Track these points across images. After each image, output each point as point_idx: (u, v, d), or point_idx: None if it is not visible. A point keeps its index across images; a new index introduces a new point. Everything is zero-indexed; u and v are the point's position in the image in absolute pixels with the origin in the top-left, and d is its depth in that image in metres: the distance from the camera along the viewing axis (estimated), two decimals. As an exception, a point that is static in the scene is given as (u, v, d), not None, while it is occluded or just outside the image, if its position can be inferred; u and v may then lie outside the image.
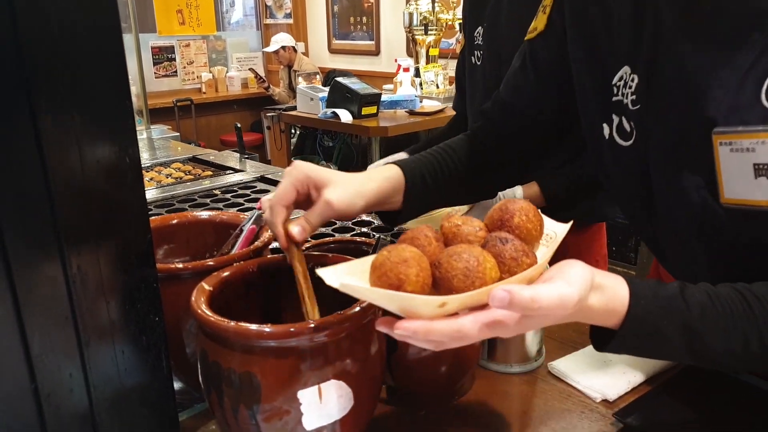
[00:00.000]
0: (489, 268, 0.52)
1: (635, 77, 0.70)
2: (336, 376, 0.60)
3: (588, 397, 0.79)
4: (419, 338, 0.51)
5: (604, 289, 0.57)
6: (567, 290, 0.51)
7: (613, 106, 0.74)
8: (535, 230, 0.60)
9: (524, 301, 0.48)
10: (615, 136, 0.75)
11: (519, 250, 0.55)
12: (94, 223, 0.60)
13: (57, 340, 0.59)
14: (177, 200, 1.73)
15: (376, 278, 0.52)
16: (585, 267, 0.56)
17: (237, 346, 0.59)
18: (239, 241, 0.81)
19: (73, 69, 0.54)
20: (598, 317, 0.58)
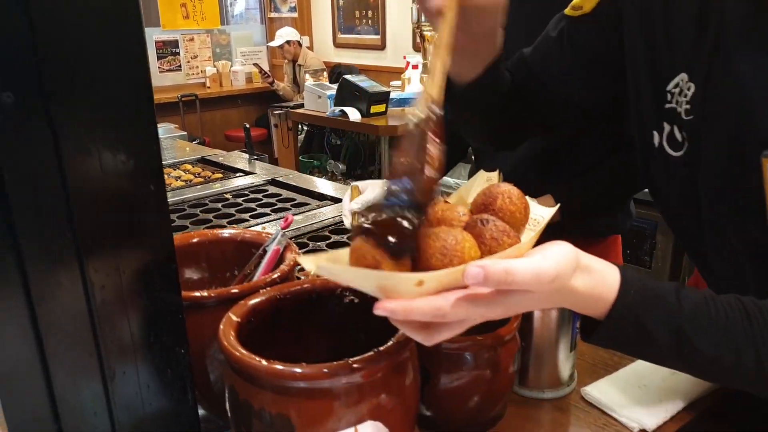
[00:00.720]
0: (468, 247, 0.50)
1: (692, 86, 0.67)
2: (372, 416, 0.57)
3: (625, 427, 0.76)
4: (399, 316, 0.48)
5: (592, 272, 0.54)
6: (543, 263, 0.49)
7: (666, 113, 0.71)
8: (519, 213, 0.58)
9: (498, 274, 0.47)
10: (665, 145, 0.72)
11: (500, 230, 0.53)
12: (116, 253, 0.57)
13: (81, 376, 0.56)
14: (188, 204, 1.70)
15: (354, 260, 0.50)
16: (569, 246, 0.53)
17: (269, 386, 0.56)
18: (263, 263, 0.78)
19: (92, 74, 0.51)
20: (584, 302, 0.55)
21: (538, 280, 0.48)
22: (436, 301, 0.48)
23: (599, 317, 0.56)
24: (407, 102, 3.47)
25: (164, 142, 2.59)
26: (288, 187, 1.87)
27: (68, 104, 0.51)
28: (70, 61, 0.50)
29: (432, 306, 0.48)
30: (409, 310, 0.47)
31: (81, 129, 0.52)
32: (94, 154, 0.53)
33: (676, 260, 2.21)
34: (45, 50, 0.49)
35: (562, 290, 0.52)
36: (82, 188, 0.53)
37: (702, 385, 0.81)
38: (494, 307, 0.50)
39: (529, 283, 0.48)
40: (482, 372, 0.71)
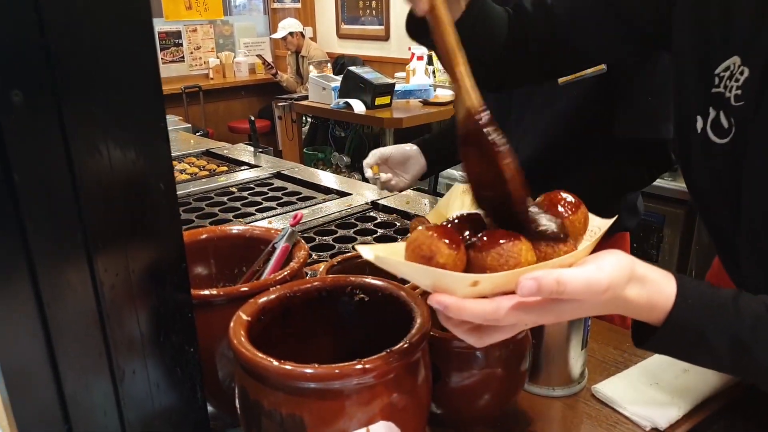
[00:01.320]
0: (524, 250, 0.51)
1: (745, 70, 0.63)
2: (385, 416, 0.57)
3: (636, 425, 0.75)
4: (451, 313, 0.49)
5: (646, 282, 0.54)
6: (595, 275, 0.50)
7: (712, 97, 0.67)
8: (579, 222, 0.58)
9: (550, 285, 0.47)
10: (708, 131, 0.69)
11: (557, 236, 0.53)
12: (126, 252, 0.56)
13: (91, 376, 0.56)
14: (193, 198, 1.70)
15: (410, 252, 0.52)
16: (624, 256, 0.53)
17: (280, 386, 0.55)
18: (272, 260, 0.78)
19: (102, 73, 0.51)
20: (638, 311, 0.55)
21: (589, 291, 0.49)
22: (489, 305, 0.49)
23: (655, 324, 0.56)
24: (412, 93, 3.45)
25: (169, 135, 2.58)
26: (294, 180, 1.86)
27: (78, 103, 0.50)
28: (80, 59, 0.49)
29: (485, 309, 0.49)
30: (462, 309, 0.48)
31: (91, 128, 0.51)
32: (104, 153, 0.52)
33: (683, 254, 2.19)
34: (54, 49, 0.48)
35: (615, 300, 0.53)
36: (92, 188, 0.52)
37: (715, 383, 0.80)
38: (546, 315, 0.52)
39: (580, 293, 0.49)
40: (493, 370, 0.71)
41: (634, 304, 0.54)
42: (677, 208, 2.11)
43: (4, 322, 0.50)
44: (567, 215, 0.58)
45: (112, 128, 0.52)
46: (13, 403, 0.52)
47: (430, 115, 3.33)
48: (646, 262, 0.56)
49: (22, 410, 0.53)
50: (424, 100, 3.42)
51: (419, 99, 3.44)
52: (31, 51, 0.47)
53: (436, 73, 3.86)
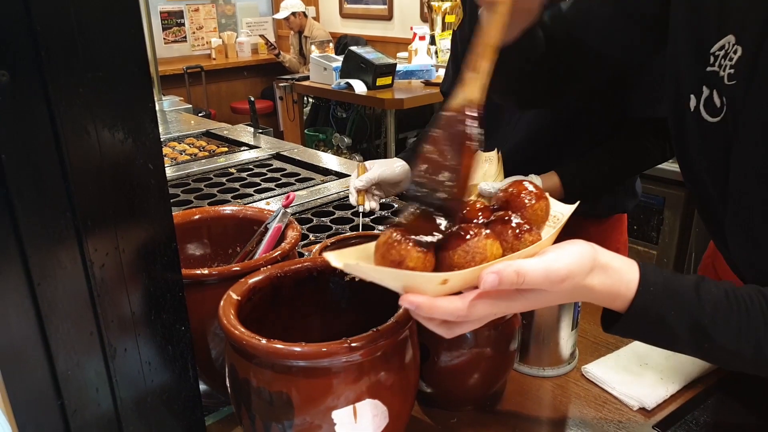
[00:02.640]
0: (490, 245, 0.52)
1: (739, 49, 0.64)
2: (371, 395, 0.58)
3: (624, 405, 0.76)
4: (423, 313, 0.51)
5: (609, 271, 0.56)
6: (554, 265, 0.51)
7: (706, 76, 0.68)
8: (541, 210, 0.59)
9: (510, 276, 0.49)
10: (702, 109, 0.69)
11: (522, 229, 0.54)
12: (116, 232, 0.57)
13: (82, 354, 0.57)
14: (192, 179, 1.70)
15: (379, 257, 0.53)
16: (586, 246, 0.55)
17: (268, 364, 0.56)
18: (265, 240, 0.78)
19: (89, 53, 0.51)
20: (602, 299, 0.57)
21: (548, 280, 0.51)
22: (458, 302, 0.51)
23: (620, 311, 0.58)
24: (413, 74, 3.43)
25: (169, 116, 2.58)
26: (293, 161, 1.86)
27: (64, 84, 0.50)
28: (66, 40, 0.50)
29: (455, 307, 0.51)
30: (433, 308, 0.50)
31: (78, 108, 0.51)
32: (91, 133, 0.53)
33: (683, 236, 2.19)
34: (40, 29, 0.48)
35: (578, 288, 0.54)
36: (80, 168, 0.52)
37: (702, 365, 0.81)
38: (512, 305, 0.54)
39: (540, 282, 0.51)
40: (482, 350, 0.72)
41: (597, 292, 0.56)
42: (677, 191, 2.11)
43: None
44: (528, 204, 0.59)
45: (100, 109, 0.53)
46: (6, 379, 0.53)
47: (432, 96, 3.31)
48: (609, 251, 0.58)
49: (15, 387, 0.54)
50: (425, 80, 3.40)
51: (421, 79, 3.42)
52: (17, 32, 0.47)
53: (438, 54, 3.83)
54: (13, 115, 0.48)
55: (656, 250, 2.24)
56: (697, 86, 0.70)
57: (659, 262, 2.26)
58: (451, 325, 0.53)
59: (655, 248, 2.24)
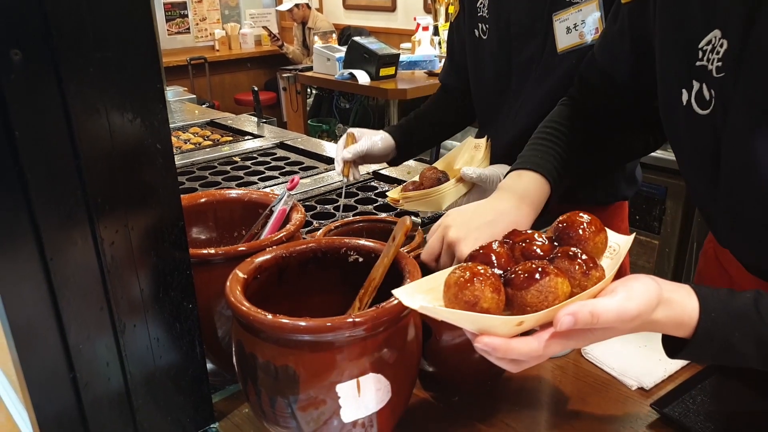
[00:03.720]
0: (560, 283, 0.54)
1: (724, 42, 0.66)
2: (374, 369, 0.59)
3: (623, 385, 0.78)
4: (499, 355, 0.54)
5: (672, 304, 0.58)
6: (626, 305, 0.54)
7: (696, 71, 0.70)
8: (601, 243, 0.62)
9: (585, 318, 0.52)
10: (693, 103, 0.71)
11: (589, 265, 0.57)
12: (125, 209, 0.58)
13: (93, 329, 0.58)
14: (197, 167, 1.72)
15: (452, 296, 0.55)
16: (651, 283, 0.57)
17: (274, 339, 0.58)
18: (270, 223, 0.80)
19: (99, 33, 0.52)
20: (668, 329, 0.60)
21: (620, 320, 0.54)
22: (533, 343, 0.54)
23: (685, 337, 0.60)
24: (417, 65, 3.43)
25: (173, 105, 2.59)
26: (296, 150, 1.87)
27: (75, 63, 0.51)
28: (76, 20, 0.51)
29: (530, 348, 0.54)
30: (509, 350, 0.53)
31: (89, 87, 0.53)
32: (102, 112, 0.54)
33: (685, 226, 2.20)
34: (52, 8, 0.49)
35: (645, 324, 0.58)
36: (91, 146, 0.54)
37: (701, 345, 0.82)
38: (581, 341, 0.57)
39: (612, 322, 0.54)
40: (484, 330, 0.73)
41: (662, 324, 0.59)
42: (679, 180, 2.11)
43: (10, 275, 0.52)
44: (589, 237, 0.61)
45: (109, 88, 0.54)
46: (20, 352, 0.55)
47: (435, 86, 3.30)
48: (669, 281, 0.60)
49: (28, 359, 0.55)
50: (429, 71, 3.40)
51: (424, 70, 3.42)
52: (29, 12, 0.48)
53: (441, 44, 3.83)
54: (25, 93, 0.49)
55: (658, 239, 2.24)
56: (688, 81, 0.72)
57: (661, 253, 2.27)
58: (521, 362, 0.56)
59: (657, 238, 2.24)
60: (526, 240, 0.61)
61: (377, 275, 0.66)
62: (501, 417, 0.73)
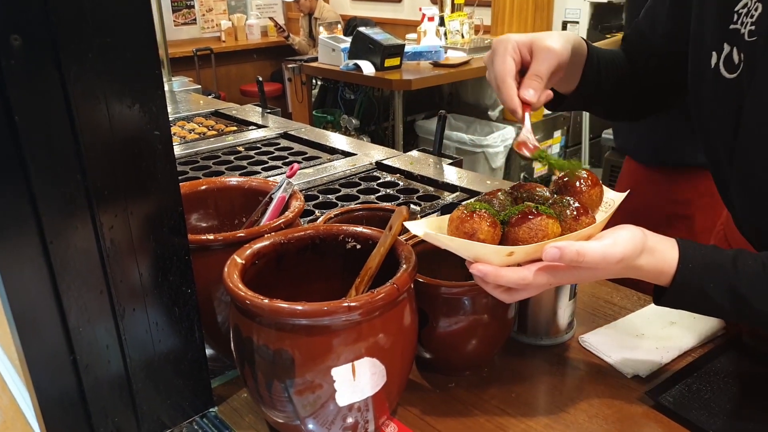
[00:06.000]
0: (551, 224, 0.60)
1: (759, 6, 0.67)
2: (370, 353, 0.60)
3: (620, 373, 0.78)
4: (490, 280, 0.59)
5: (655, 252, 0.63)
6: (611, 249, 0.59)
7: (729, 33, 0.71)
8: (596, 195, 0.68)
9: (571, 254, 0.58)
10: (721, 66, 0.73)
11: (579, 211, 0.63)
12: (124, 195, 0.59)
13: (93, 312, 0.59)
14: (201, 157, 1.72)
15: (453, 228, 0.61)
16: (636, 230, 0.62)
17: (271, 323, 0.58)
18: (270, 210, 0.80)
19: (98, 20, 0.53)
20: (649, 276, 0.64)
21: (605, 261, 0.59)
22: (521, 271, 0.59)
23: (665, 286, 0.64)
24: (422, 55, 3.42)
25: (178, 96, 2.60)
26: (300, 140, 1.88)
27: (75, 48, 0.52)
28: (77, 5, 0.51)
29: (518, 276, 0.59)
30: (499, 276, 0.59)
31: (88, 73, 0.53)
32: (101, 98, 0.55)
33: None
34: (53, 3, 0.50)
35: (629, 268, 0.62)
36: (91, 131, 0.55)
37: (698, 336, 0.83)
38: (568, 277, 0.62)
39: (597, 263, 0.59)
40: (480, 317, 0.74)
41: (645, 271, 0.63)
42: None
43: (11, 258, 0.53)
44: (585, 190, 0.67)
45: (108, 74, 0.55)
46: (21, 334, 0.56)
47: (440, 77, 3.31)
48: (656, 234, 0.64)
49: (29, 341, 0.57)
50: (434, 61, 3.39)
51: (429, 61, 3.41)
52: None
53: (447, 35, 3.81)
54: (25, 78, 0.50)
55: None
56: (719, 44, 0.73)
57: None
58: (512, 291, 0.61)
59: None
60: (529, 190, 0.68)
61: (374, 264, 0.67)
62: (496, 403, 0.74)
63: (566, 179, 0.68)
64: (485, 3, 4.54)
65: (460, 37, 3.91)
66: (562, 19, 4.14)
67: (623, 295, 0.96)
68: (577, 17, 4.04)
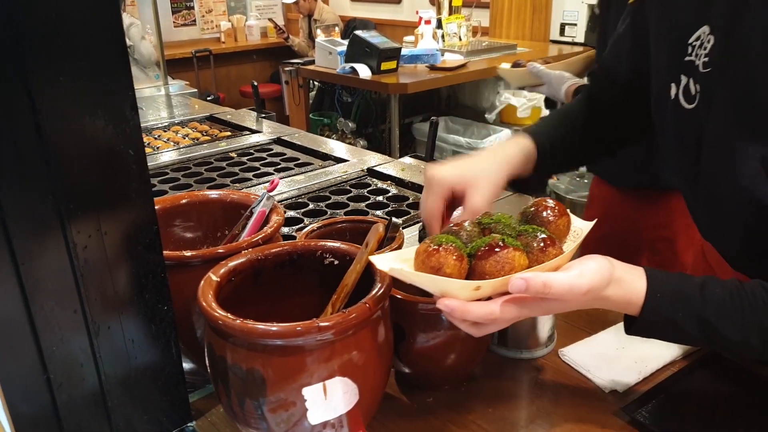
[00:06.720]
0: (518, 256, 0.59)
1: (711, 38, 0.68)
2: (342, 372, 0.60)
3: (598, 387, 0.78)
4: (457, 316, 0.59)
5: (622, 283, 0.63)
6: (578, 280, 0.59)
7: (685, 65, 0.73)
8: (563, 225, 0.67)
9: (537, 286, 0.57)
10: (680, 97, 0.74)
11: (546, 242, 0.61)
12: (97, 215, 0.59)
13: (67, 331, 0.60)
14: (194, 163, 1.73)
15: (419, 262, 0.60)
16: (604, 261, 0.62)
17: (243, 342, 0.59)
18: (249, 224, 0.81)
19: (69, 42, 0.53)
20: (618, 307, 0.64)
21: (571, 293, 0.59)
22: (489, 305, 0.59)
23: (635, 316, 0.64)
24: (419, 58, 3.42)
25: (174, 100, 2.60)
26: (293, 146, 1.88)
27: (46, 72, 0.52)
28: (47, 29, 0.52)
29: (486, 310, 0.59)
30: (466, 311, 0.58)
31: (59, 96, 0.54)
32: (72, 120, 0.55)
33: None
34: (21, 18, 0.50)
35: (596, 299, 0.62)
36: (61, 153, 0.55)
37: (675, 350, 0.83)
38: (536, 310, 0.61)
39: (564, 294, 0.58)
40: (457, 332, 0.73)
41: (613, 302, 0.63)
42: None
43: (-19, 279, 0.53)
44: (552, 220, 0.66)
45: (80, 97, 0.55)
46: (-6, 353, 0.56)
47: (437, 81, 3.31)
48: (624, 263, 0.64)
49: (2, 360, 0.57)
50: (431, 65, 3.39)
51: (426, 64, 3.41)
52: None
53: (444, 38, 3.81)
54: (-6, 103, 0.50)
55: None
56: (677, 75, 0.74)
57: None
58: (480, 326, 0.61)
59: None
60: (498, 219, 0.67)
61: (350, 281, 0.67)
62: (473, 418, 0.74)
63: (532, 208, 0.67)
64: (484, 5, 4.54)
65: (458, 40, 3.90)
66: (560, 21, 4.14)
67: (606, 307, 0.96)
68: (575, 19, 4.04)
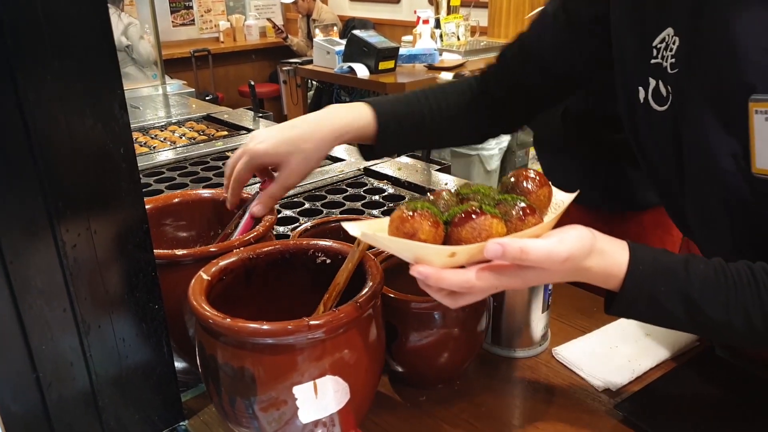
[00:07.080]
0: (495, 224, 0.56)
1: (677, 39, 0.68)
2: (333, 371, 0.60)
3: (591, 386, 0.78)
4: (431, 283, 0.55)
5: (604, 254, 0.60)
6: (557, 247, 0.56)
7: (651, 68, 0.72)
8: (543, 197, 0.64)
9: (514, 251, 0.54)
10: (650, 100, 0.73)
11: (525, 211, 0.59)
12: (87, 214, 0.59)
13: (56, 330, 0.60)
14: (189, 163, 1.73)
15: (394, 228, 0.57)
16: (586, 231, 0.59)
17: (233, 341, 0.59)
18: (242, 223, 0.81)
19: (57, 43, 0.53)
20: (598, 279, 0.61)
21: (549, 260, 0.55)
22: (464, 274, 0.55)
23: (615, 290, 0.61)
24: (416, 58, 3.41)
25: (172, 99, 2.60)
26: (289, 145, 1.88)
27: (33, 72, 0.52)
28: (34, 28, 0.51)
29: (461, 278, 0.55)
30: (440, 279, 0.55)
31: (47, 95, 0.53)
32: (60, 120, 0.55)
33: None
34: (7, 17, 0.50)
35: (577, 269, 0.59)
36: (51, 153, 0.55)
37: (671, 348, 0.83)
38: (513, 279, 0.57)
39: (542, 261, 0.55)
40: (450, 330, 0.74)
41: (593, 273, 0.60)
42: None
43: (-30, 278, 0.53)
44: (533, 190, 0.63)
45: (69, 96, 0.55)
46: (-17, 352, 0.56)
47: (434, 80, 3.30)
48: (607, 235, 0.61)
49: (-8, 359, 0.57)
50: (429, 64, 3.39)
51: (424, 63, 3.41)
52: (-16, 21, 0.49)
53: (443, 37, 3.81)
54: (-19, 102, 0.50)
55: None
56: (644, 78, 0.74)
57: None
58: (456, 296, 0.58)
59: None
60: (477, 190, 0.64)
61: (341, 279, 0.67)
62: (466, 417, 0.74)
63: (513, 178, 0.65)
64: (482, 4, 4.54)
65: (456, 40, 3.90)
66: (559, 21, 4.13)
67: (599, 305, 0.96)
68: (574, 19, 4.03)
